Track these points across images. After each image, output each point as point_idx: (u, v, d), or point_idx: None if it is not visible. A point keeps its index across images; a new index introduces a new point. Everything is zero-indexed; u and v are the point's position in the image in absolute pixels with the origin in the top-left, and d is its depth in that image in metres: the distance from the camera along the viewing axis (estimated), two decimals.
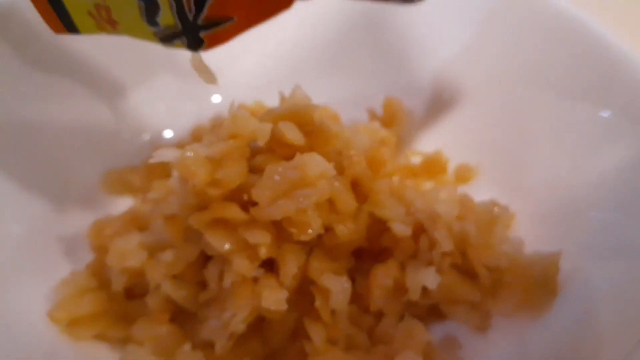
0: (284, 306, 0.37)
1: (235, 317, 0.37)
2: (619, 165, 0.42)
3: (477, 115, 0.54)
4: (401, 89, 0.56)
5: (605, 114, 0.45)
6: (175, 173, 0.41)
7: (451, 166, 0.53)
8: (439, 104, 0.55)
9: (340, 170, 0.41)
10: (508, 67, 0.53)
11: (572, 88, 0.48)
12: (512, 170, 0.50)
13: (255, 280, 0.38)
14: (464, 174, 0.51)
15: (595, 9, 0.48)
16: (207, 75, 0.40)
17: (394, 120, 0.56)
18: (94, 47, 0.50)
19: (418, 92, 0.56)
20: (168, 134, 0.54)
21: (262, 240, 0.37)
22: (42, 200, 0.48)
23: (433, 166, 0.53)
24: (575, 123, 0.47)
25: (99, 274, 0.44)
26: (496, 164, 0.51)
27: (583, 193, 0.44)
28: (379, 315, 0.41)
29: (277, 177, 0.37)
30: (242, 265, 0.38)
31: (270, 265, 0.40)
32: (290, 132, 0.39)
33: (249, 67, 0.57)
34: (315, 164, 0.38)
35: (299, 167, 0.38)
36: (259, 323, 0.41)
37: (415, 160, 0.54)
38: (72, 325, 0.41)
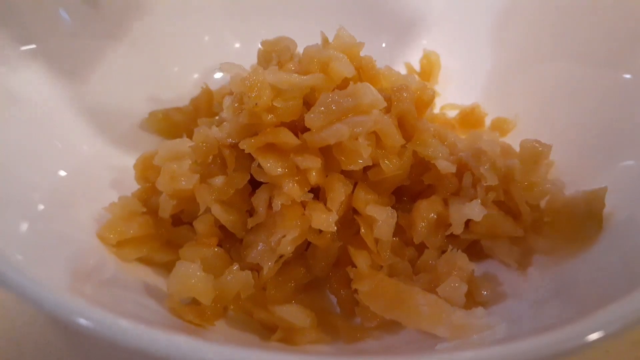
0: (333, 227, 0.38)
1: (285, 238, 0.38)
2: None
3: (514, 70, 0.54)
4: (439, 43, 0.57)
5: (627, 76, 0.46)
6: (227, 99, 0.42)
7: (488, 120, 0.54)
8: (477, 58, 0.56)
9: (386, 110, 0.42)
10: (540, 29, 0.54)
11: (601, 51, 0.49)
12: (547, 124, 0.51)
13: (303, 205, 0.39)
14: (501, 126, 0.52)
15: None
16: None
17: (432, 74, 0.56)
18: None
19: (456, 47, 0.56)
20: (218, 75, 0.54)
21: (313, 165, 0.38)
22: (92, 136, 0.49)
23: (470, 119, 0.53)
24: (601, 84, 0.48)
25: (147, 201, 0.45)
26: (532, 117, 0.52)
27: (616, 143, 0.45)
28: (421, 249, 0.42)
29: (331, 104, 0.38)
30: (292, 189, 0.38)
31: (316, 195, 0.41)
32: (343, 64, 0.40)
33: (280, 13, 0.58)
34: (368, 92, 0.39)
35: (353, 95, 0.39)
36: (303, 252, 0.42)
37: (453, 114, 0.55)
38: (120, 246, 0.42)
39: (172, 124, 0.52)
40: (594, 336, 0.26)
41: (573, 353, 0.25)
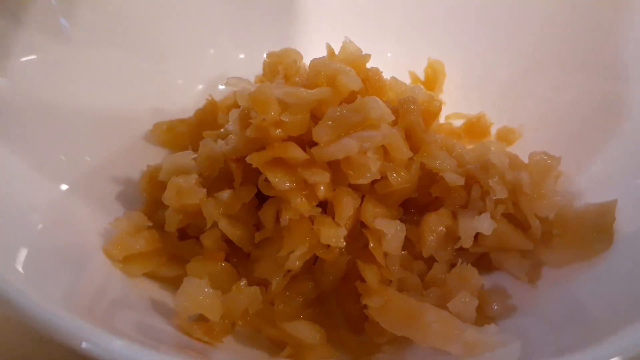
0: (342, 243, 0.38)
1: (293, 254, 0.38)
2: None
3: (519, 78, 0.54)
4: (443, 53, 0.57)
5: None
6: (233, 113, 0.42)
7: (494, 129, 0.54)
8: (482, 67, 0.56)
9: (394, 122, 0.42)
10: (546, 35, 0.54)
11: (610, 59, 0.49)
12: (553, 134, 0.51)
13: (311, 219, 0.39)
14: (507, 136, 0.52)
15: None
16: None
17: (437, 83, 0.56)
18: None
19: (460, 56, 0.56)
20: (222, 86, 0.54)
21: (321, 180, 0.38)
22: (95, 149, 0.49)
23: (476, 128, 0.53)
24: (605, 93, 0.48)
25: (152, 215, 0.44)
26: (537, 126, 0.52)
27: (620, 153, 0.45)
28: (430, 262, 0.42)
29: (339, 118, 0.38)
30: (301, 204, 0.38)
31: (324, 209, 0.40)
32: (350, 78, 0.40)
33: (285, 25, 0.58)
34: (376, 106, 0.38)
35: (361, 109, 0.38)
36: (311, 266, 0.42)
37: (458, 123, 0.55)
38: (125, 261, 0.41)
39: (176, 135, 0.52)
40: None
41: None
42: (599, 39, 0.50)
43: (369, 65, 0.43)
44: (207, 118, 0.51)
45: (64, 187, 0.44)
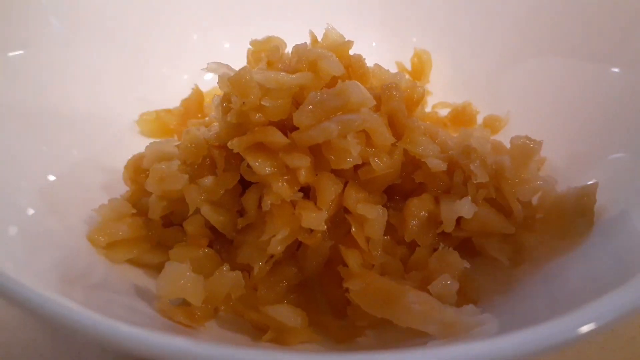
0: (323, 226, 0.38)
1: (275, 238, 0.38)
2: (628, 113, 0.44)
3: (505, 67, 0.54)
4: (429, 42, 0.57)
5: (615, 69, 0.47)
6: (215, 99, 0.42)
7: (480, 118, 0.54)
8: (467, 56, 0.56)
9: (376, 108, 0.42)
10: (531, 25, 0.54)
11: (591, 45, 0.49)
12: (539, 121, 0.51)
13: (293, 204, 0.39)
14: (493, 124, 0.52)
15: None
16: None
17: (423, 73, 0.56)
18: None
19: (446, 45, 0.56)
20: (208, 76, 0.54)
21: (302, 164, 0.38)
22: (82, 140, 0.49)
23: (462, 117, 0.53)
24: (593, 77, 0.49)
25: (137, 203, 0.44)
26: (523, 115, 0.52)
27: (601, 138, 0.45)
28: (413, 247, 0.42)
29: (319, 103, 0.38)
30: (282, 189, 0.38)
31: (307, 195, 0.41)
32: (331, 63, 0.40)
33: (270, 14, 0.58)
34: (357, 90, 0.39)
35: (341, 94, 0.39)
36: (295, 252, 0.42)
37: (445, 112, 0.55)
38: (109, 248, 0.42)
39: (163, 125, 0.52)
40: (585, 328, 0.25)
41: (565, 346, 0.25)
42: (586, 22, 0.50)
43: (352, 52, 0.44)
44: (193, 107, 0.51)
45: (52, 177, 0.45)
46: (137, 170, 0.45)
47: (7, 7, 0.48)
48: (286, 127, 0.40)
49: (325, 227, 0.38)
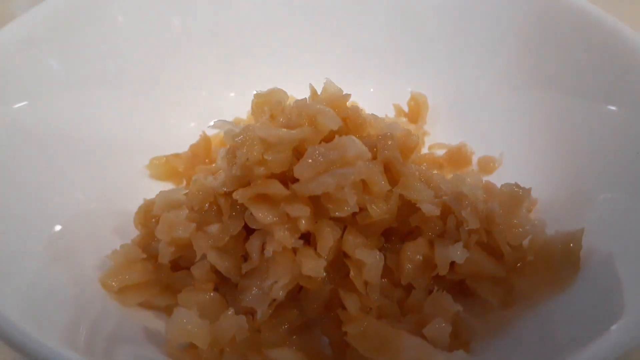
0: (322, 273, 0.40)
1: (276, 284, 0.40)
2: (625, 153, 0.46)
3: (499, 111, 0.57)
4: (425, 85, 0.59)
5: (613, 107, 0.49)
6: (222, 151, 0.45)
7: (475, 158, 0.56)
8: (462, 99, 0.59)
9: (373, 156, 0.45)
10: (525, 65, 0.56)
11: (585, 86, 0.51)
12: (532, 161, 0.53)
13: (294, 251, 0.41)
14: (487, 165, 0.54)
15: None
16: None
17: (419, 115, 0.59)
18: None
19: (442, 88, 0.59)
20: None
21: (302, 214, 0.40)
22: (94, 185, 0.51)
23: (457, 158, 0.56)
24: (586, 118, 0.51)
25: (147, 247, 0.47)
26: (517, 154, 0.54)
27: (593, 179, 0.47)
28: (409, 290, 0.44)
29: (318, 157, 0.40)
30: (284, 236, 0.41)
31: (307, 241, 0.43)
32: (329, 118, 0.42)
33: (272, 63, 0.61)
34: (353, 145, 0.41)
35: (339, 148, 0.41)
36: (296, 294, 0.44)
37: (440, 153, 0.57)
38: (121, 292, 0.44)
39: (172, 169, 0.55)
40: None
41: None
42: (585, 60, 0.52)
43: (350, 102, 0.46)
44: (201, 152, 0.54)
45: (62, 224, 0.46)
46: (148, 215, 0.48)
47: (6, 58, 0.49)
48: (287, 177, 0.42)
49: (324, 274, 0.41)
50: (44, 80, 0.51)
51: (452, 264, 0.43)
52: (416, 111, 0.59)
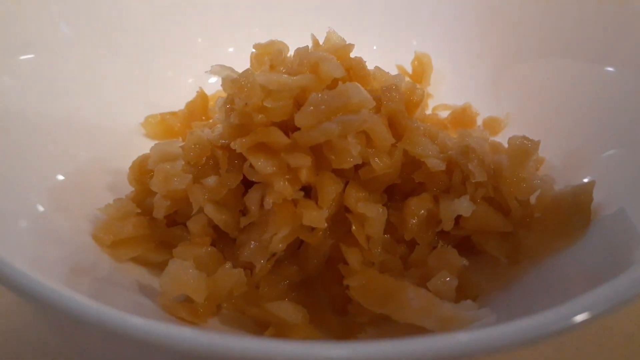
0: (323, 224, 0.39)
1: (276, 236, 0.39)
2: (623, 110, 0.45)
3: (505, 68, 0.55)
4: (429, 45, 0.58)
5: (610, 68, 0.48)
6: (219, 101, 0.43)
7: (480, 120, 0.55)
8: (467, 58, 0.57)
9: (377, 110, 0.43)
10: (529, 27, 0.55)
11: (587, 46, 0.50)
12: (538, 122, 0.52)
13: (295, 203, 0.40)
14: (493, 125, 0.53)
15: None
16: None
17: (424, 76, 0.57)
18: None
19: (446, 48, 0.57)
20: (213, 80, 0.55)
21: (303, 163, 0.39)
22: (90, 141, 0.50)
23: (462, 118, 0.54)
24: (586, 79, 0.50)
25: (141, 204, 0.45)
26: (522, 115, 0.53)
27: (599, 135, 0.46)
28: (412, 246, 0.42)
29: (320, 104, 0.39)
30: (284, 187, 0.39)
31: (308, 195, 0.41)
32: (332, 65, 0.41)
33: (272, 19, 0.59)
34: (358, 92, 0.39)
35: (342, 95, 0.39)
36: (296, 251, 0.43)
37: (445, 114, 0.56)
38: (114, 246, 0.42)
39: (168, 127, 0.53)
40: (580, 317, 0.26)
41: (559, 335, 0.26)
42: (580, 22, 0.51)
43: (352, 55, 0.45)
44: (198, 110, 0.52)
45: (60, 177, 0.46)
46: (142, 170, 0.46)
47: (19, 11, 0.49)
48: (288, 127, 0.41)
49: (326, 225, 0.39)
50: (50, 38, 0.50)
51: (458, 219, 0.41)
52: (420, 72, 0.57)
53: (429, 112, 0.57)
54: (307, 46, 0.43)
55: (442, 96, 0.57)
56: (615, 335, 0.42)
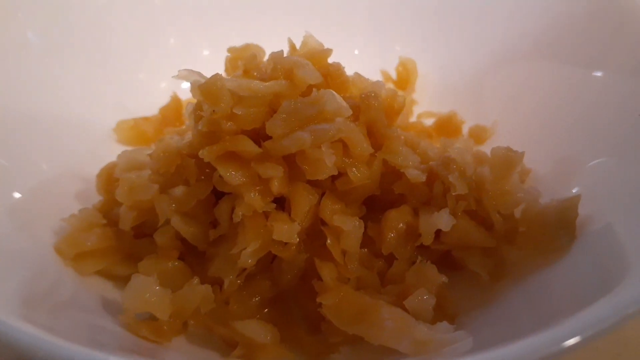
0: (295, 238, 0.37)
1: (245, 251, 0.37)
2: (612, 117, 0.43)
3: (491, 76, 0.53)
4: (413, 50, 0.56)
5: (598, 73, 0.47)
6: (189, 107, 0.41)
7: (466, 128, 0.53)
8: (453, 65, 0.55)
9: (355, 117, 0.41)
10: (516, 33, 0.53)
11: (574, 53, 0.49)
12: (525, 131, 0.50)
13: (266, 215, 0.38)
14: (478, 134, 0.51)
15: None
16: None
17: (409, 82, 0.55)
18: None
19: (431, 54, 0.55)
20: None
21: (274, 174, 0.37)
22: (58, 147, 0.48)
23: (447, 127, 0.52)
24: (574, 84, 0.48)
25: (108, 214, 0.43)
26: (508, 124, 0.51)
27: (585, 145, 0.44)
28: (390, 260, 0.40)
29: (293, 112, 0.37)
30: (254, 199, 0.37)
31: (282, 207, 0.39)
32: (307, 71, 0.39)
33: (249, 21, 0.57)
34: (333, 100, 0.38)
35: (316, 102, 0.37)
36: (269, 265, 0.41)
37: (430, 122, 0.54)
38: (78, 259, 0.40)
39: (141, 133, 0.51)
40: (570, 342, 0.24)
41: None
42: (570, 28, 0.49)
43: (331, 60, 0.43)
44: (171, 115, 0.50)
45: (20, 192, 0.43)
46: (110, 179, 0.44)
47: None
48: (260, 136, 0.39)
49: (299, 239, 0.37)
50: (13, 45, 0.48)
51: (438, 233, 0.39)
52: (405, 77, 0.55)
53: (413, 119, 0.55)
54: (282, 50, 0.41)
55: (428, 103, 0.55)
56: (602, 356, 0.40)
